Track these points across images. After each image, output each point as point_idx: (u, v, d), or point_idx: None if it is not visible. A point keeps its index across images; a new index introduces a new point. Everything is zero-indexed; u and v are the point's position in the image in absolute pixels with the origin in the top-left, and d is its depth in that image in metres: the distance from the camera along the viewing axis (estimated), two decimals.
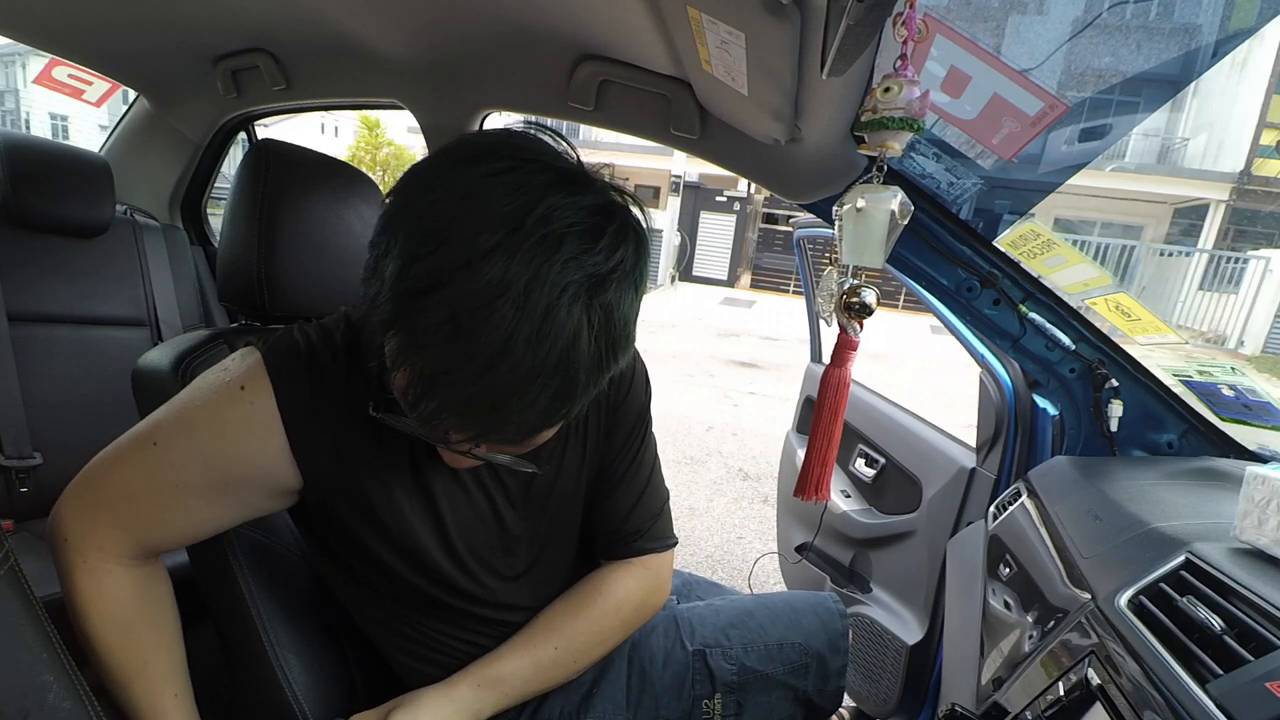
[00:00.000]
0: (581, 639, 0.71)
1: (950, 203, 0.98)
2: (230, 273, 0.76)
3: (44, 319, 1.30)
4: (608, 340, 0.46)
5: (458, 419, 0.46)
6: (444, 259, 0.42)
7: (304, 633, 0.71)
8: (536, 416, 0.46)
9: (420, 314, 0.43)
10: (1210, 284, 11.21)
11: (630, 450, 0.73)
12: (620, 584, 0.74)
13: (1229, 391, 0.95)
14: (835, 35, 0.46)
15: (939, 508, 1.28)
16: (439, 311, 0.42)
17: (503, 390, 0.44)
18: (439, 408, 0.45)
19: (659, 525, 0.77)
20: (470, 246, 0.42)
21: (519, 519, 0.69)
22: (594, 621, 0.71)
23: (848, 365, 0.83)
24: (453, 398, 0.45)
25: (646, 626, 0.79)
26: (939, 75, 0.80)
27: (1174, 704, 0.47)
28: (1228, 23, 10.68)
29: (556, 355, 0.43)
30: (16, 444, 1.23)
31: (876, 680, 1.36)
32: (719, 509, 2.98)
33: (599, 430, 0.71)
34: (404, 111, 1.24)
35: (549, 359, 0.43)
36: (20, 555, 0.45)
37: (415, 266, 0.43)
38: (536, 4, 0.88)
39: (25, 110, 16.22)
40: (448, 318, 0.42)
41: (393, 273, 0.44)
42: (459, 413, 0.46)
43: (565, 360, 0.44)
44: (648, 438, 0.76)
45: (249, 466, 0.57)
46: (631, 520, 0.74)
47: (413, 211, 0.45)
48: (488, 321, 0.42)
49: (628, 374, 0.72)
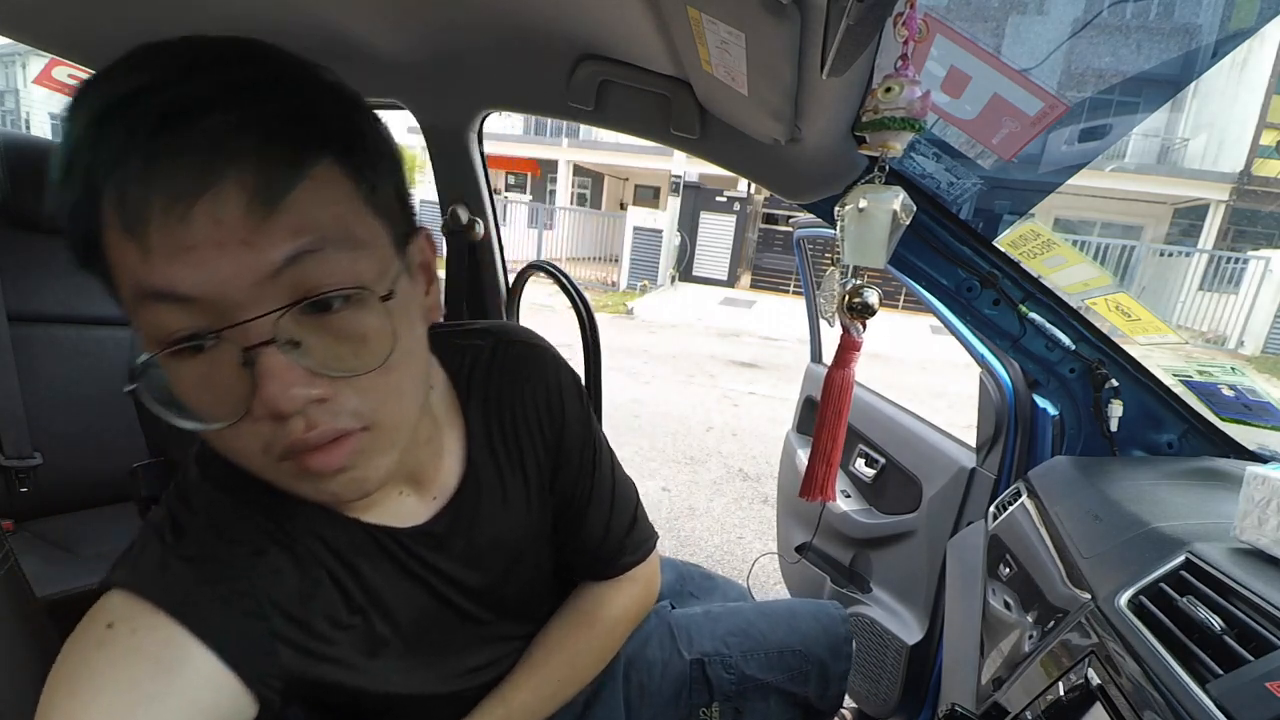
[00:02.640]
0: (581, 661, 0.70)
1: (950, 203, 0.98)
2: None
3: (44, 319, 1.31)
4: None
5: (160, 158, 0.35)
6: (94, 96, 0.37)
7: None
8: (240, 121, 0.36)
9: (96, 140, 0.36)
10: (1210, 284, 11.20)
11: (585, 478, 0.67)
12: (613, 602, 0.72)
13: (1229, 391, 0.95)
14: (835, 35, 0.46)
15: (939, 508, 1.28)
16: (106, 122, 0.35)
17: (188, 100, 0.36)
18: (142, 166, 0.35)
19: (635, 534, 0.72)
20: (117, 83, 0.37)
21: (485, 590, 0.61)
22: (593, 643, 0.70)
23: (851, 366, 0.83)
24: (138, 132, 0.35)
25: (640, 638, 0.78)
26: (939, 75, 0.80)
27: (1174, 704, 0.47)
28: (1228, 23, 10.68)
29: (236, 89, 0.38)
30: (16, 444, 1.24)
31: (876, 680, 1.36)
32: (719, 509, 2.98)
33: (543, 469, 0.64)
34: (404, 111, 1.24)
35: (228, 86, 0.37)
36: (20, 555, 0.45)
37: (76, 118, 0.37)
38: (536, 4, 0.88)
39: (25, 110, 16.21)
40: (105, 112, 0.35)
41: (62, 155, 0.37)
42: (146, 142, 0.35)
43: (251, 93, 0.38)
44: (600, 455, 0.69)
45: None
46: (609, 541, 0.70)
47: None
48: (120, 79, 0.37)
49: (556, 402, 0.64)
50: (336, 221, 0.39)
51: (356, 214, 0.41)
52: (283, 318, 0.38)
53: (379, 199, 0.43)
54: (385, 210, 0.44)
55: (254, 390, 0.38)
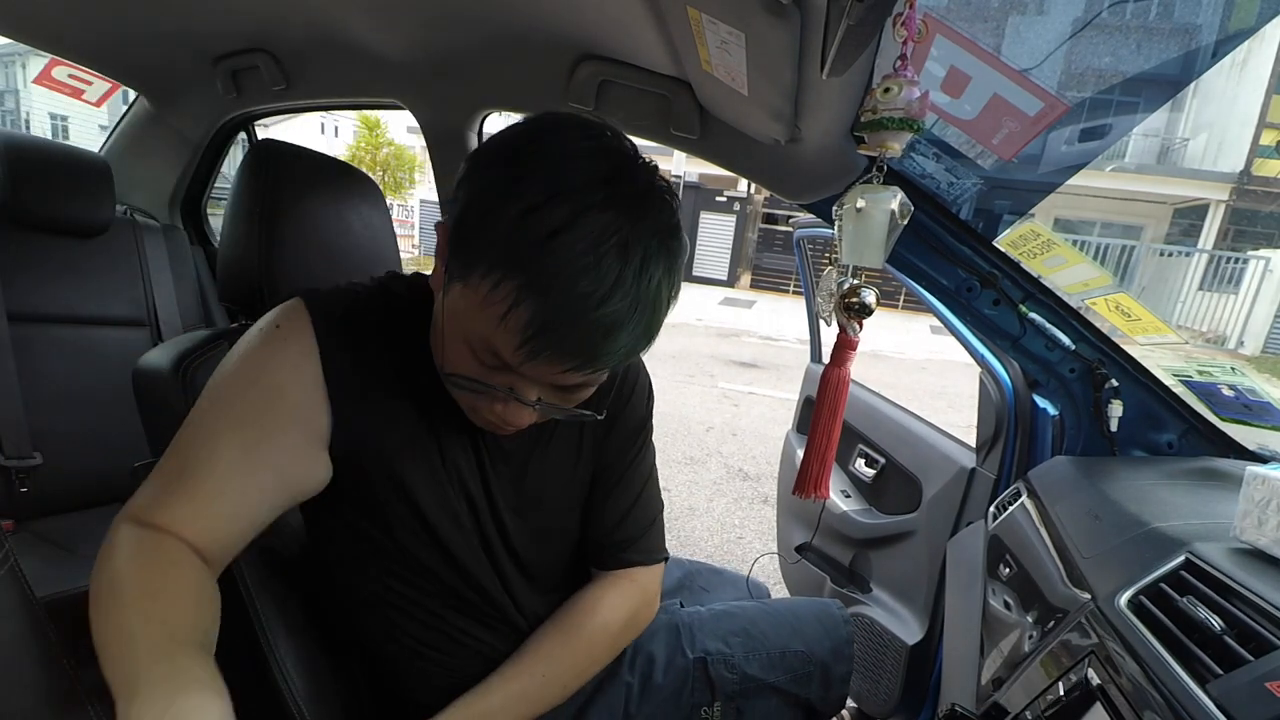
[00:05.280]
0: (569, 663, 0.70)
1: (950, 203, 0.98)
2: (230, 273, 0.76)
3: (44, 319, 1.30)
4: (675, 282, 0.55)
5: (572, 346, 0.51)
6: (563, 208, 0.48)
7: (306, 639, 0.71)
8: (632, 343, 0.53)
9: (549, 253, 0.48)
10: (1210, 284, 11.21)
11: (626, 459, 0.74)
12: (606, 602, 0.73)
13: (1229, 391, 0.95)
14: (835, 35, 0.46)
15: (939, 508, 1.28)
16: (567, 251, 0.48)
17: (619, 319, 0.50)
18: (557, 338, 0.50)
19: (649, 538, 0.76)
20: (583, 197, 0.49)
21: (515, 517, 0.69)
22: (581, 644, 0.71)
23: (847, 365, 0.83)
24: (575, 327, 0.50)
25: (647, 633, 0.79)
26: (939, 75, 0.80)
27: (1174, 704, 0.47)
28: (1228, 23, 10.68)
29: (652, 290, 0.51)
30: (16, 444, 1.23)
31: (876, 680, 1.36)
32: (719, 509, 2.98)
33: (595, 434, 0.72)
34: (404, 111, 1.24)
35: (646, 293, 0.51)
36: (20, 555, 0.45)
37: (535, 216, 0.48)
38: (536, 4, 0.88)
39: (25, 110, 16.21)
40: (574, 256, 0.48)
41: (512, 222, 0.48)
42: (577, 339, 0.50)
43: (656, 294, 0.52)
44: (645, 448, 0.76)
45: (284, 400, 0.57)
46: (621, 530, 0.74)
47: (521, 171, 0.50)
48: (604, 261, 0.48)
49: (630, 381, 0.73)
50: None
51: None
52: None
53: None
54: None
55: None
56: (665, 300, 0.54)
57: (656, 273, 0.51)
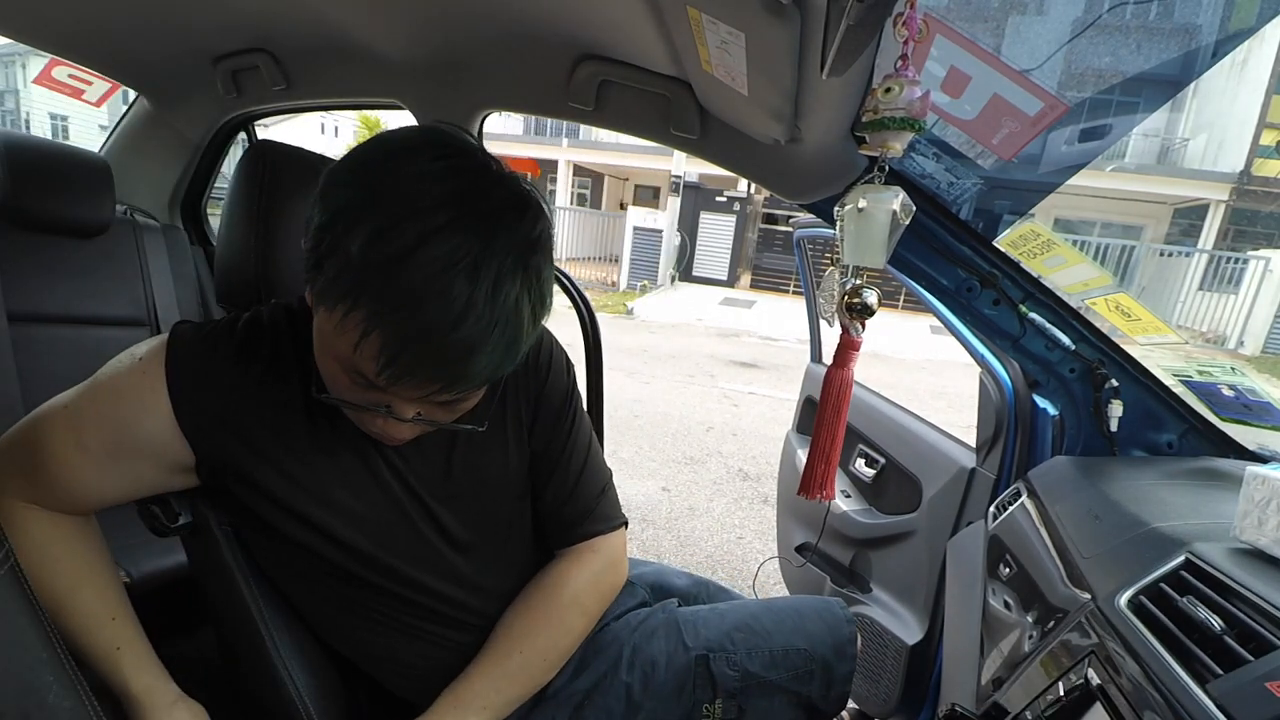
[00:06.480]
0: (544, 638, 0.71)
1: (950, 203, 0.98)
2: (228, 273, 0.76)
3: (44, 319, 1.30)
4: (539, 296, 0.54)
5: (430, 371, 0.51)
6: (409, 233, 0.47)
7: (306, 632, 0.71)
8: (495, 361, 0.52)
9: (394, 280, 0.47)
10: (1210, 284, 11.20)
11: (560, 435, 0.74)
12: (572, 574, 0.74)
13: (1229, 391, 0.95)
14: (835, 35, 0.46)
15: (939, 508, 1.28)
16: (413, 276, 0.47)
17: (473, 341, 0.50)
18: (413, 363, 0.50)
19: (602, 506, 0.77)
20: (431, 220, 0.48)
21: (447, 510, 0.69)
22: (554, 620, 0.71)
23: (850, 365, 0.83)
24: (429, 352, 0.49)
25: (646, 631, 0.79)
26: (939, 75, 0.80)
27: (1174, 704, 0.47)
28: (1228, 23, 10.69)
29: (509, 308, 0.51)
30: None
31: (877, 680, 1.36)
32: (719, 509, 2.98)
33: (523, 420, 0.72)
34: (404, 111, 1.24)
35: (503, 312, 0.50)
36: None
37: (381, 242, 0.47)
38: (536, 4, 0.88)
39: (25, 110, 16.21)
40: (421, 282, 0.47)
41: (360, 247, 0.48)
42: (433, 364, 0.50)
43: (515, 312, 0.52)
44: (578, 421, 0.77)
45: (138, 433, 0.59)
46: (572, 504, 0.75)
47: (370, 194, 0.50)
48: (453, 284, 0.48)
49: (544, 360, 0.73)
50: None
51: None
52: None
53: None
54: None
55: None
56: (527, 316, 0.53)
57: (513, 290, 0.51)
